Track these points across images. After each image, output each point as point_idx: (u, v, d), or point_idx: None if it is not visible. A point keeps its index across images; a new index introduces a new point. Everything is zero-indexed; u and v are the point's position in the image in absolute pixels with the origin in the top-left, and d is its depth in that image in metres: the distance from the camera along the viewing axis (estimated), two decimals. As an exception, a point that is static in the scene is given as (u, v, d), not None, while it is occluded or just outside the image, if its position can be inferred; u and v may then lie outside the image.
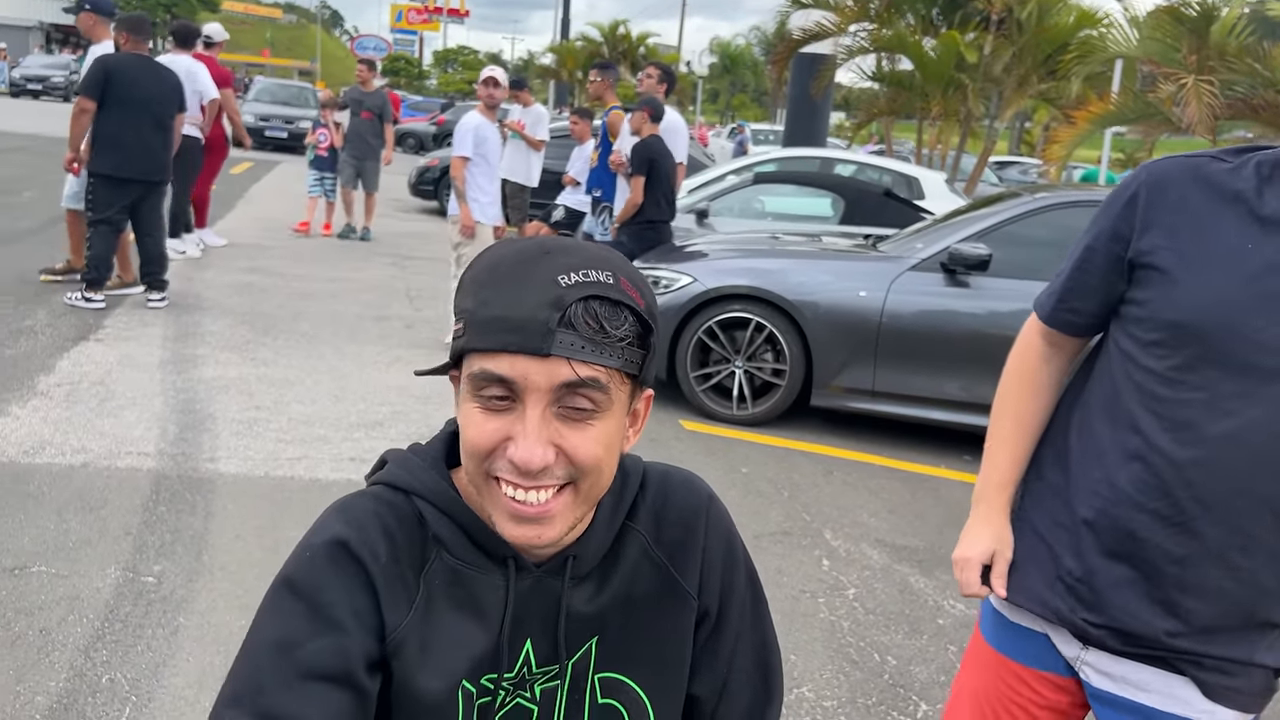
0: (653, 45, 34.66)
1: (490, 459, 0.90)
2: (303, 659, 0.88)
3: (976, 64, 12.42)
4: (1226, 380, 1.28)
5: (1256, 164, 1.33)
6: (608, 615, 1.01)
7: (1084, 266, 1.45)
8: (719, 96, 59.22)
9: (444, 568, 0.96)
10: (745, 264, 5.76)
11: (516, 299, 0.87)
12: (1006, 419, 1.54)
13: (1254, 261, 1.28)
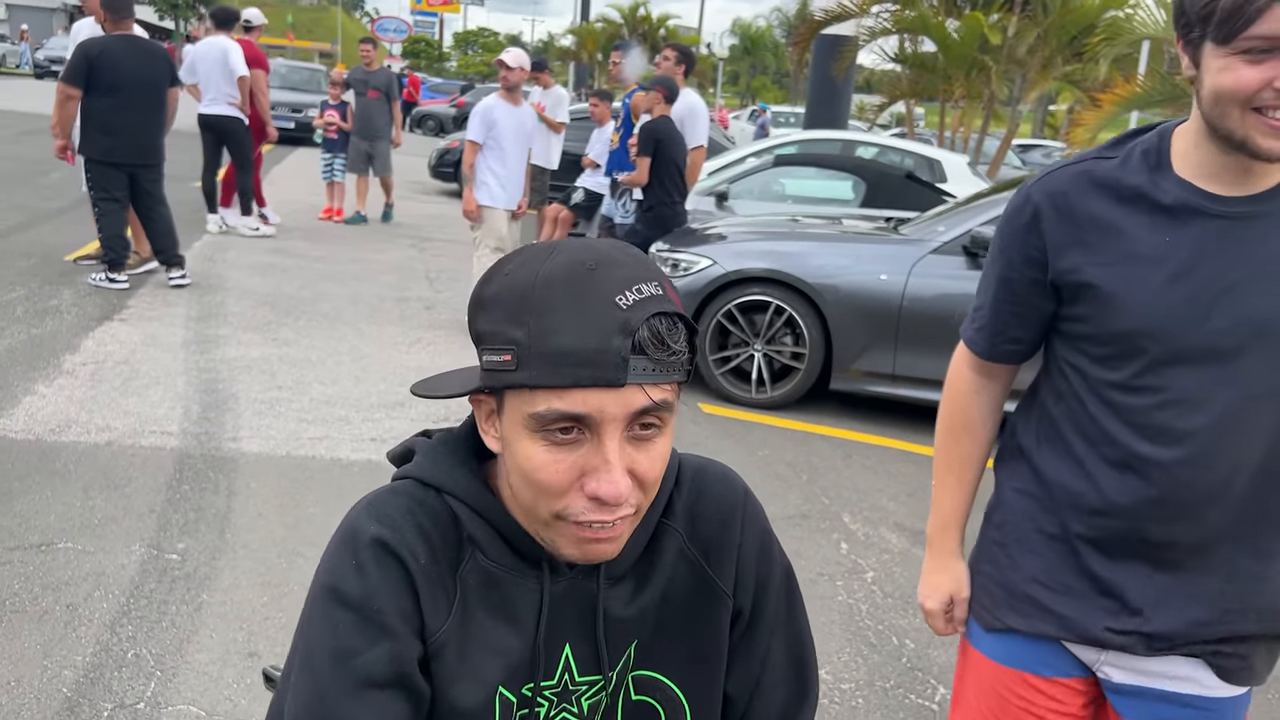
0: (673, 27, 34.47)
1: (563, 498, 0.87)
2: (360, 668, 0.88)
3: (1000, 45, 12.27)
4: (1190, 375, 1.27)
5: (1141, 153, 1.31)
6: (645, 621, 0.99)
7: (1006, 297, 1.43)
8: (739, 78, 58.87)
9: (478, 569, 0.94)
10: (765, 247, 5.74)
11: (581, 328, 0.82)
12: (947, 462, 1.56)
13: (1177, 255, 1.26)
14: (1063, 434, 1.40)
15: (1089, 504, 1.37)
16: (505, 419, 0.89)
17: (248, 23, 9.28)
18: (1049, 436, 1.43)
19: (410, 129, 27.25)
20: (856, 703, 2.88)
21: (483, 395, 0.92)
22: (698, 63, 36.70)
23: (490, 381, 0.88)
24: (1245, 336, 1.25)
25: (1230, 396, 1.26)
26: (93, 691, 2.57)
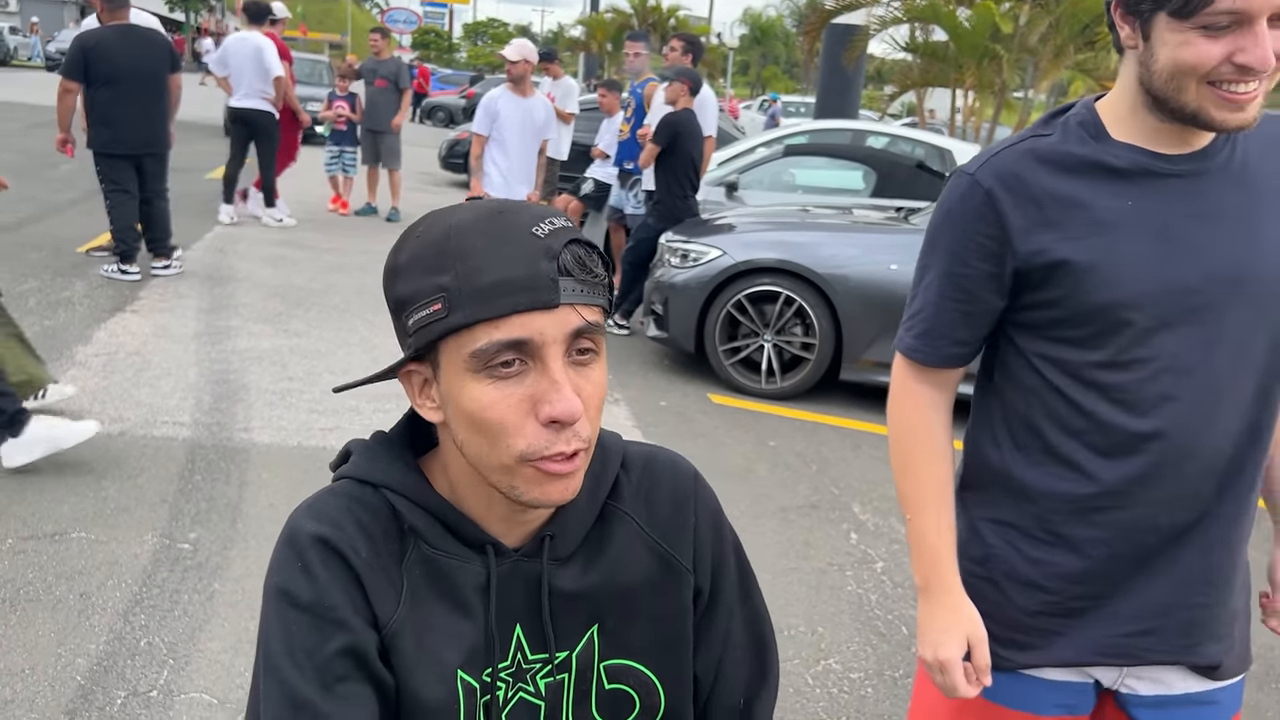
0: (683, 17, 34.35)
1: (518, 435, 0.86)
2: (323, 665, 0.88)
3: (1012, 34, 12.20)
4: (1178, 339, 1.24)
5: (1079, 124, 1.28)
6: (603, 603, 0.99)
7: (953, 295, 1.33)
8: (750, 68, 58.69)
9: (422, 558, 0.94)
10: (775, 237, 5.73)
11: (507, 259, 0.84)
12: (919, 490, 1.39)
13: (1143, 217, 1.24)
14: (1041, 435, 1.33)
15: (1088, 502, 1.30)
16: (444, 375, 0.88)
17: (272, 17, 9.40)
18: (1024, 444, 1.35)
19: (420, 120, 27.26)
20: (866, 692, 2.88)
21: (413, 365, 0.92)
22: (708, 53, 36.58)
23: (422, 339, 0.87)
24: (1224, 292, 1.23)
25: (1222, 355, 1.24)
26: (106, 679, 2.59)
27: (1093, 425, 1.28)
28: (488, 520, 0.96)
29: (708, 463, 4.52)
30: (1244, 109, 1.18)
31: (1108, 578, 1.32)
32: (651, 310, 6.00)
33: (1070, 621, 1.34)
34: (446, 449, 0.96)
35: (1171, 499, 1.28)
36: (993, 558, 1.38)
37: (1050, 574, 1.34)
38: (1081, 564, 1.32)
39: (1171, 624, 1.33)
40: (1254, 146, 1.28)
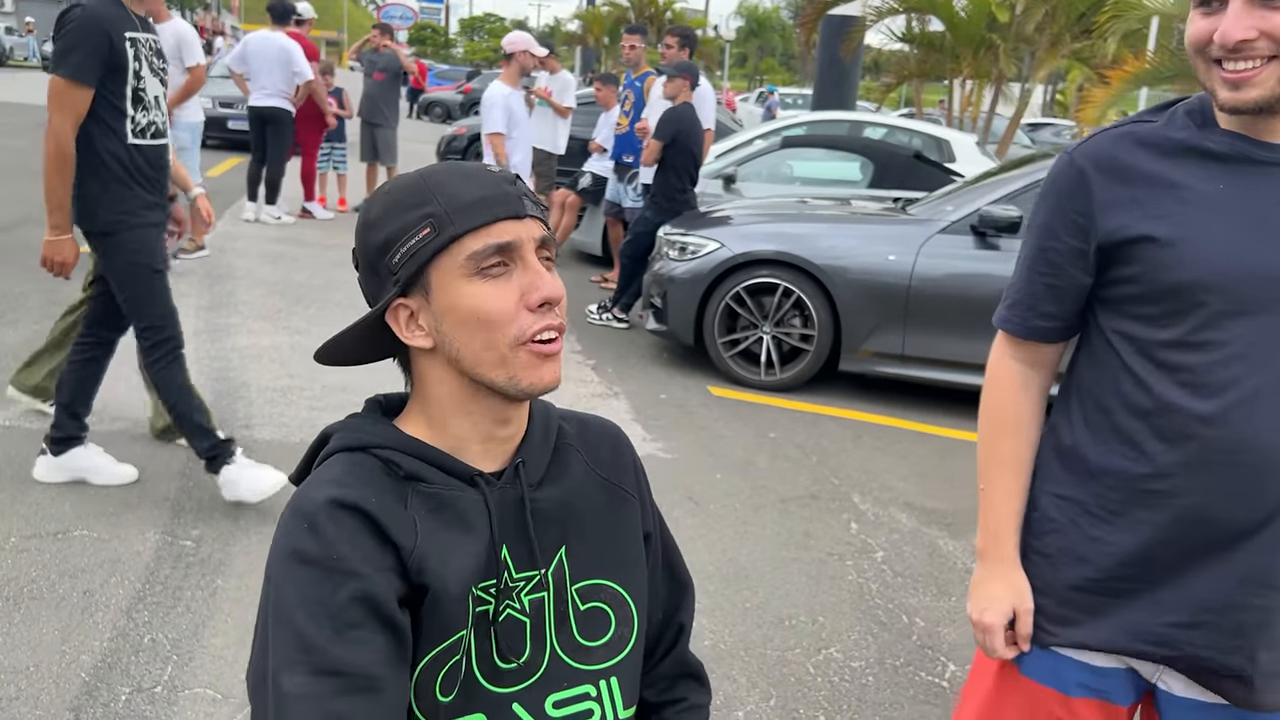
0: (680, 10, 34.29)
1: (515, 321, 1.00)
2: (336, 614, 0.93)
3: (1008, 23, 12.20)
4: (1252, 325, 1.23)
5: (1185, 113, 1.30)
6: (569, 524, 1.10)
7: (1042, 268, 1.38)
8: (747, 60, 58.59)
9: (423, 496, 1.03)
10: (773, 229, 5.74)
11: (480, 185, 1.02)
12: (995, 462, 1.45)
13: (1232, 200, 1.24)
14: (1110, 414, 1.34)
15: (1143, 483, 1.31)
16: (436, 294, 1.02)
17: (299, 17, 9.53)
18: (1095, 424, 1.37)
19: (417, 116, 27.23)
20: (867, 680, 2.89)
21: (400, 300, 1.03)
22: (704, 45, 36.49)
23: (412, 266, 1.01)
24: None
25: None
26: (110, 676, 2.60)
27: (1157, 405, 1.29)
28: (468, 452, 1.07)
29: (708, 454, 4.53)
30: (1239, 88, 1.19)
31: (1158, 563, 1.32)
32: (650, 303, 6.00)
33: (1114, 602, 1.35)
34: (429, 385, 1.07)
35: (1225, 490, 1.26)
36: (1052, 532, 1.41)
37: (1103, 552, 1.35)
38: (1133, 545, 1.33)
39: (1224, 622, 1.30)
40: None
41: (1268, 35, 1.15)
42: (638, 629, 1.13)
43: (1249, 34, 1.16)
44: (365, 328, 1.05)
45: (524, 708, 1.04)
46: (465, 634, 1.01)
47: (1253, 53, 1.17)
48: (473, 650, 1.02)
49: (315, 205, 9.84)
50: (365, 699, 0.92)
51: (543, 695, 1.05)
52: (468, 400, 1.05)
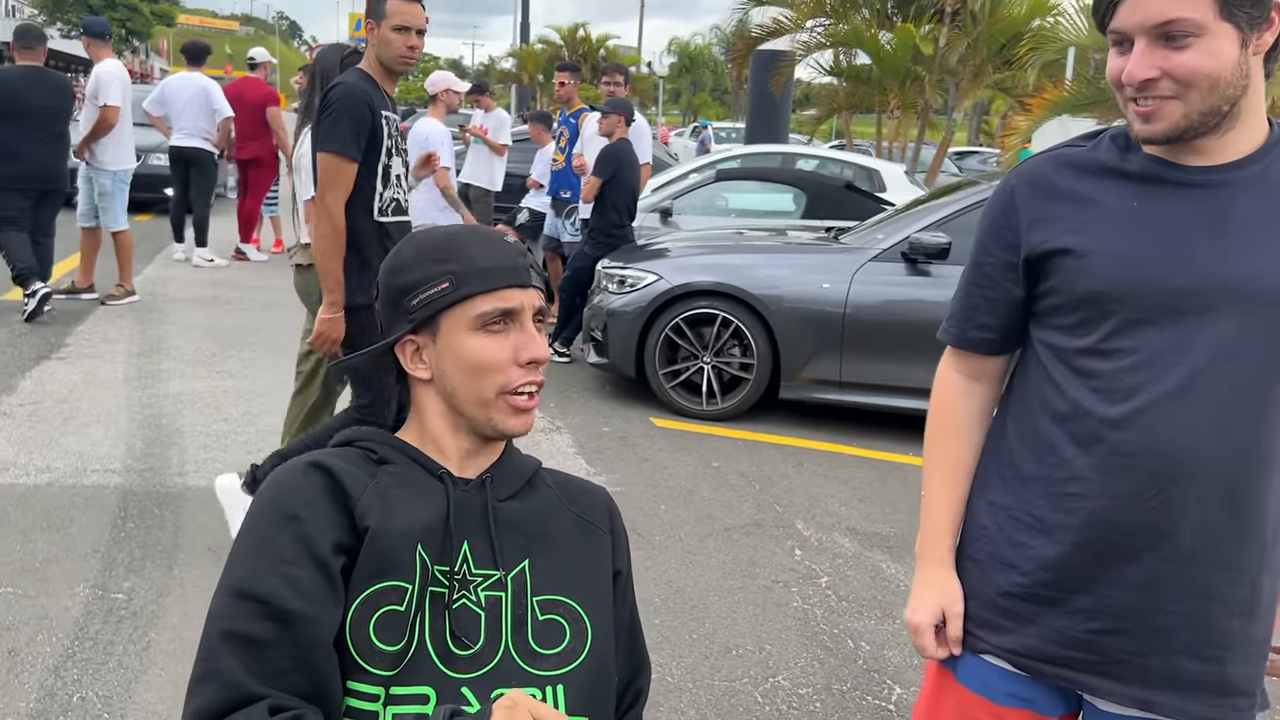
0: (613, 47, 34.66)
1: (505, 373, 1.18)
2: (273, 550, 1.07)
3: (932, 56, 12.55)
4: (1158, 334, 1.28)
5: (1110, 138, 1.37)
6: (535, 541, 1.21)
7: (979, 281, 1.46)
8: (681, 95, 59.35)
9: (390, 475, 1.17)
10: (710, 260, 5.80)
11: (496, 255, 1.20)
12: (934, 468, 1.51)
13: (1144, 216, 1.31)
14: (1035, 421, 1.40)
15: (1060, 487, 1.35)
16: (443, 338, 1.19)
17: (252, 60, 9.72)
18: (1023, 431, 1.42)
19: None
20: (814, 707, 2.90)
21: (410, 337, 1.21)
22: (639, 81, 36.81)
23: (427, 312, 1.18)
24: (1215, 298, 1.26)
25: (1202, 360, 1.26)
26: (38, 737, 2.50)
27: (1072, 410, 1.34)
28: (446, 456, 1.22)
29: (652, 486, 4.53)
30: (1148, 121, 1.26)
31: (1077, 569, 1.35)
32: (591, 337, 6.01)
33: (1040, 609, 1.38)
34: (423, 409, 1.24)
35: (1131, 495, 1.29)
36: (983, 539, 1.46)
37: (1027, 557, 1.39)
38: (1054, 551, 1.36)
39: (1143, 629, 1.32)
40: None
41: (1170, 75, 1.22)
42: (590, 646, 1.20)
43: (1152, 73, 1.22)
44: (379, 353, 1.24)
45: (473, 694, 1.12)
46: (410, 590, 1.11)
47: (1156, 92, 1.23)
48: (427, 627, 1.11)
49: (250, 247, 9.71)
50: (275, 626, 1.03)
51: (491, 687, 1.11)
52: (454, 427, 1.22)
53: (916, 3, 13.36)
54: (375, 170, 3.27)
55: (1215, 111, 1.24)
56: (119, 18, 64.38)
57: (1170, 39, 1.20)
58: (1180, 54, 1.21)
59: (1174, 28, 1.20)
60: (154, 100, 8.89)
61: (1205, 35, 1.19)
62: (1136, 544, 1.32)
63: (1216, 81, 1.21)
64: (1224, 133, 1.27)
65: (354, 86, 3.17)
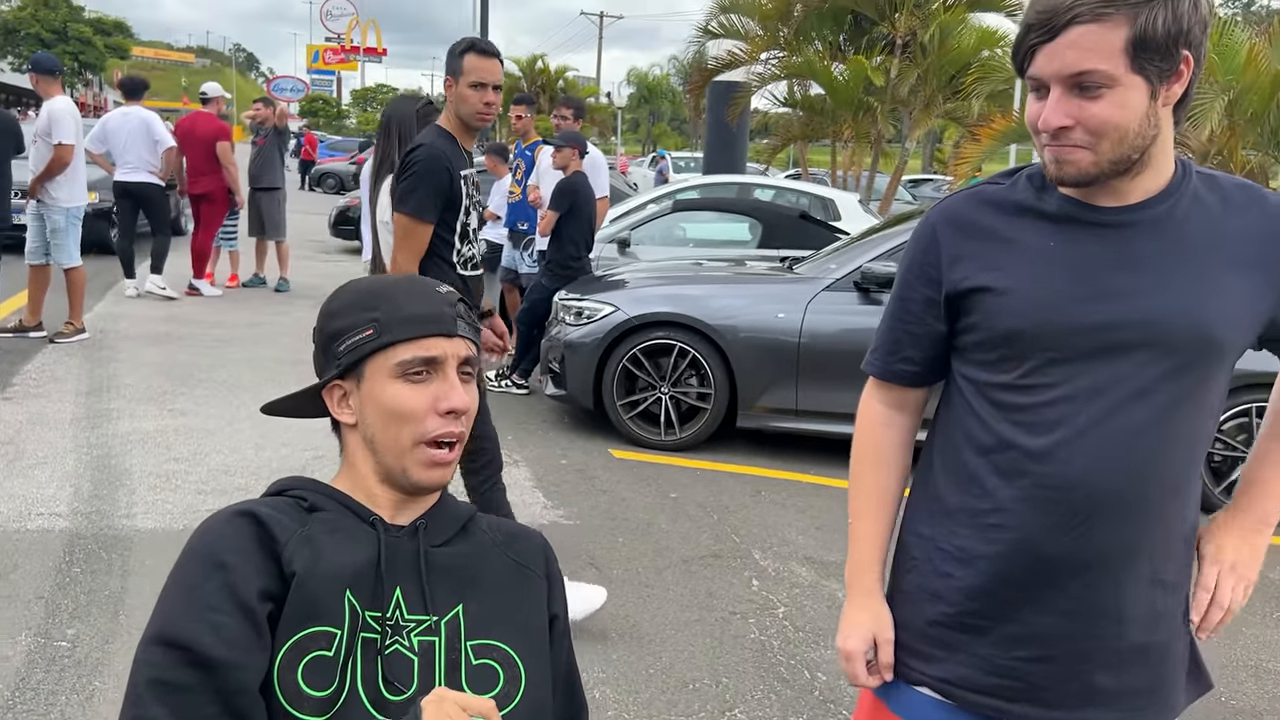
0: (572, 78, 34.88)
1: (423, 422, 1.18)
2: (199, 598, 1.07)
3: (884, 87, 12.77)
4: (1076, 370, 1.31)
5: (1027, 177, 1.41)
6: (469, 587, 1.21)
7: (901, 316, 1.49)
8: (639, 125, 59.80)
9: (321, 522, 1.17)
10: (666, 291, 5.83)
11: (423, 303, 1.21)
12: (859, 496, 1.53)
13: (1060, 255, 1.34)
14: (960, 453, 1.42)
15: (984, 518, 1.38)
16: (366, 384, 1.20)
17: (204, 95, 9.67)
18: (948, 463, 1.44)
19: (310, 188, 26.93)
20: (772, 739, 2.90)
21: (337, 382, 1.23)
22: (598, 112, 36.94)
23: (352, 358, 1.20)
24: (1130, 335, 1.30)
25: (1119, 395, 1.30)
26: (-24, 793, 2.43)
27: (996, 443, 1.37)
28: (377, 503, 1.22)
29: (610, 518, 4.52)
30: (1061, 165, 1.30)
31: (1001, 598, 1.38)
32: (549, 369, 6.01)
33: (968, 639, 1.41)
34: (353, 454, 1.24)
35: (1054, 526, 1.33)
36: (911, 570, 1.48)
37: (953, 587, 1.42)
38: (980, 581, 1.39)
39: (1067, 653, 1.37)
40: (1206, 209, 1.34)
41: (1082, 124, 1.25)
42: (524, 691, 1.20)
43: (1066, 122, 1.26)
44: (307, 396, 1.26)
45: None
46: (339, 635, 1.11)
47: (1069, 140, 1.27)
48: (359, 673, 1.11)
49: (203, 283, 9.61)
50: (199, 672, 1.03)
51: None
52: (380, 475, 1.22)
53: (868, 35, 13.61)
54: (454, 228, 3.32)
55: (1125, 159, 1.28)
56: (72, 50, 63.80)
57: (1084, 89, 1.24)
58: (1093, 104, 1.24)
59: (1087, 79, 1.23)
60: (94, 138, 8.74)
61: (1117, 87, 1.23)
62: (1059, 572, 1.35)
63: (1126, 132, 1.25)
64: (1135, 176, 1.31)
65: (435, 149, 3.21)
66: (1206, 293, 1.30)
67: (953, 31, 12.93)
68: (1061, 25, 1.22)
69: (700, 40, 14.04)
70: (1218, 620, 1.43)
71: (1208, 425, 1.36)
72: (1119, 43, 1.21)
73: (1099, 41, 1.21)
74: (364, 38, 53.03)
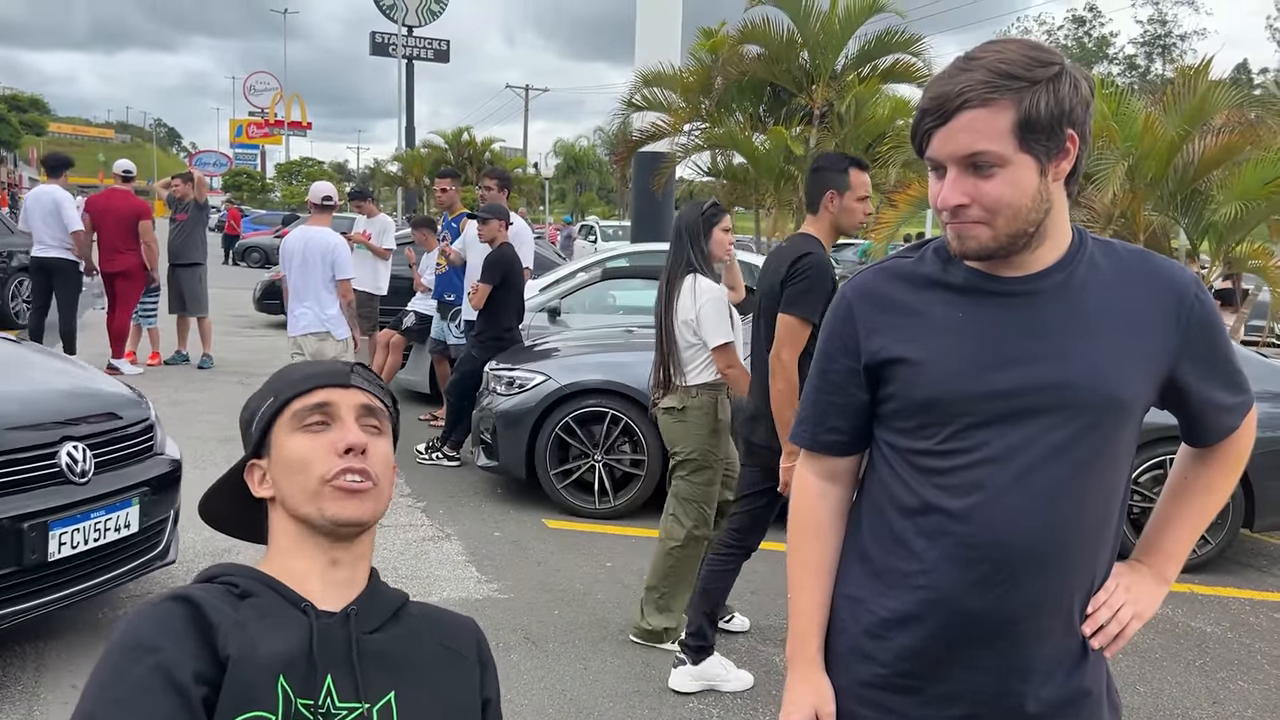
0: (498, 150, 35.19)
1: (324, 463, 1.23)
2: (130, 682, 1.05)
3: (804, 155, 13.12)
4: (992, 434, 1.37)
5: (934, 250, 1.48)
6: (401, 674, 1.21)
7: (824, 387, 1.53)
8: (566, 196, 60.46)
9: (252, 608, 1.17)
10: (598, 359, 5.86)
11: (317, 366, 1.32)
12: (798, 567, 1.55)
13: (969, 327, 1.40)
14: (885, 515, 1.46)
15: (913, 579, 1.41)
16: (274, 450, 1.27)
17: (128, 174, 9.57)
18: (875, 526, 1.48)
19: (234, 262, 26.58)
20: (714, 809, 2.86)
21: (255, 461, 1.29)
22: (526, 182, 37.23)
23: (259, 429, 1.28)
24: (1039, 398, 1.35)
25: (1033, 455, 1.35)
26: None
27: (920, 505, 1.41)
28: (308, 589, 1.22)
29: (545, 591, 4.47)
30: (962, 240, 1.37)
31: (931, 657, 1.41)
32: (480, 440, 5.97)
33: (902, 699, 1.44)
34: (275, 532, 1.27)
35: (979, 584, 1.37)
36: (842, 631, 1.50)
37: (885, 648, 1.44)
38: (909, 641, 1.42)
39: (998, 709, 1.40)
40: (1102, 275, 1.41)
41: (978, 202, 1.33)
42: None
43: (962, 200, 1.33)
44: (229, 484, 1.32)
45: None
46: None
47: (967, 217, 1.34)
48: None
49: (123, 362, 9.38)
50: None
51: None
52: (301, 540, 1.24)
53: (787, 106, 14.02)
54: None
55: (1021, 234, 1.35)
56: (-15, 127, 62.49)
57: (977, 168, 1.32)
58: (986, 183, 1.32)
59: (979, 159, 1.31)
60: (22, 219, 8.95)
61: (1008, 166, 1.31)
62: (986, 629, 1.39)
63: (1019, 209, 1.33)
64: (1034, 249, 1.39)
65: (821, 258, 3.40)
66: (1107, 356, 1.37)
67: (868, 102, 13.39)
68: (953, 110, 1.30)
69: (624, 112, 14.32)
70: (1107, 618, 1.45)
71: (1122, 477, 1.43)
72: (1006, 125, 1.29)
73: (988, 124, 1.29)
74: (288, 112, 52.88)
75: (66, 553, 3.29)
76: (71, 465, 3.37)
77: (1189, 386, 1.44)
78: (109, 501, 3.47)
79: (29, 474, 3.26)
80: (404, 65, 39.75)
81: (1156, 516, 1.58)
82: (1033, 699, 1.41)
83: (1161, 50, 58.49)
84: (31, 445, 3.32)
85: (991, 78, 1.28)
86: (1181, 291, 1.41)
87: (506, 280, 6.47)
